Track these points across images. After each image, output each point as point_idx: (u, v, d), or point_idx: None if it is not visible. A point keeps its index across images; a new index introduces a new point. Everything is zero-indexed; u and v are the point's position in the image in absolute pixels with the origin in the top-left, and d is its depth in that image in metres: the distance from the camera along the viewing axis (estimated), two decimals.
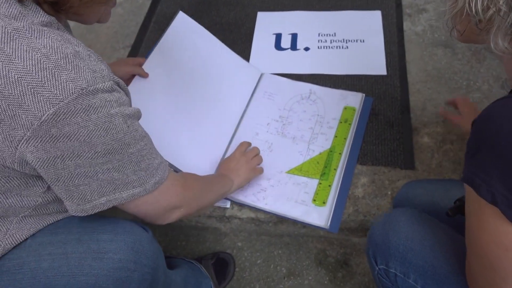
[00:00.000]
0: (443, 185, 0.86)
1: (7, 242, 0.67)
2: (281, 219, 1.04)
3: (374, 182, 1.03)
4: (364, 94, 1.17)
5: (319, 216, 0.98)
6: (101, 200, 0.64)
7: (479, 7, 0.50)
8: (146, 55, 1.10)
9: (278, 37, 1.34)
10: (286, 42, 1.33)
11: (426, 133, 1.11)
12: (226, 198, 1.03)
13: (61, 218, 0.72)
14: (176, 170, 1.00)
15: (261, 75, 1.24)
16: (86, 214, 0.65)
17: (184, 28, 1.16)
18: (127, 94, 0.66)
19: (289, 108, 1.16)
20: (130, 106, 0.65)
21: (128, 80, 1.04)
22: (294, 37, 1.34)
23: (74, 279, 0.66)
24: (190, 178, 0.79)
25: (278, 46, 1.33)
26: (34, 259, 0.67)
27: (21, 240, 0.68)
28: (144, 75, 1.04)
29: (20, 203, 0.66)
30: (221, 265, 1.08)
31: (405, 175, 1.04)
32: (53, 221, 0.71)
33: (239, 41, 1.35)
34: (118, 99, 0.60)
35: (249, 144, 1.05)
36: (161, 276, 0.76)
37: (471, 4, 0.51)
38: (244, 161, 0.98)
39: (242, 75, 1.22)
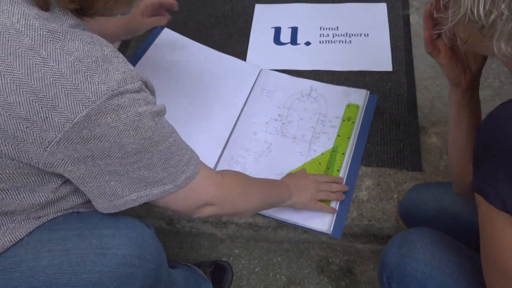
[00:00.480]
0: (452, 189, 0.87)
1: (6, 240, 0.68)
2: (281, 224, 1.06)
3: (379, 185, 1.05)
4: (368, 91, 1.18)
5: (321, 221, 0.99)
6: (132, 196, 0.68)
7: (481, 12, 0.52)
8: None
9: (277, 31, 1.36)
10: (285, 36, 1.35)
11: (434, 133, 1.12)
12: None
13: (60, 214, 0.73)
14: None
15: (259, 71, 1.25)
16: (117, 210, 0.69)
17: (169, 42, 1.22)
18: (153, 93, 0.69)
19: (289, 106, 1.18)
20: (156, 104, 0.68)
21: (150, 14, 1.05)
22: (294, 31, 1.35)
23: (76, 277, 0.67)
24: (229, 177, 0.80)
25: (277, 40, 1.34)
26: (32, 256, 0.68)
27: (20, 238, 0.70)
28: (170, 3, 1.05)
29: (31, 199, 0.68)
30: (219, 273, 1.09)
31: (412, 177, 1.05)
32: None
33: (236, 35, 1.36)
34: (145, 98, 0.64)
35: (331, 179, 1.02)
36: (164, 273, 0.78)
37: (473, 9, 0.53)
38: (314, 187, 0.97)
39: (238, 74, 1.24)
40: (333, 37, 1.33)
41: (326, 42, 1.32)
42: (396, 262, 0.72)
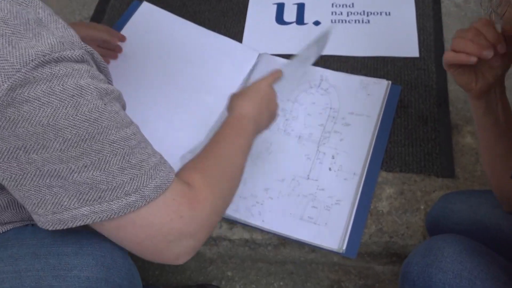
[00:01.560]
0: (490, 199, 0.87)
1: None
2: (283, 241, 1.05)
3: (402, 194, 1.05)
4: (390, 82, 1.18)
5: (332, 237, 0.99)
6: (83, 210, 0.61)
7: None
8: None
9: (280, 7, 1.36)
10: (290, 14, 1.35)
11: (469, 132, 1.12)
12: None
13: (11, 228, 0.72)
14: None
15: (258, 56, 1.25)
16: (65, 227, 0.61)
17: (148, 19, 1.22)
18: (105, 73, 0.65)
19: (294, 99, 1.18)
20: (108, 84, 0.63)
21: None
22: (300, 7, 1.35)
23: None
24: (201, 187, 0.69)
25: (280, 19, 1.34)
26: None
27: None
28: (121, 39, 1.07)
29: None
30: None
31: (442, 185, 1.05)
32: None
33: (230, 12, 1.36)
34: (89, 71, 0.60)
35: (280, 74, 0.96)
36: None
37: None
38: (274, 96, 0.91)
39: (232, 59, 1.24)
40: (347, 15, 1.33)
41: (339, 22, 1.32)
42: (419, 272, 0.72)
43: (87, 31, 1.07)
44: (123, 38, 1.15)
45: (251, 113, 0.85)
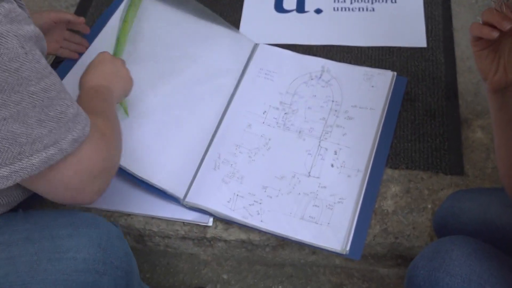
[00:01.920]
0: (502, 197, 0.87)
1: None
2: (282, 242, 1.05)
3: (409, 192, 1.05)
4: (395, 73, 1.18)
5: (334, 238, 0.99)
6: (2, 171, 0.62)
7: None
8: (88, 35, 1.19)
9: None
10: (290, 1, 1.35)
11: (480, 126, 1.12)
12: (207, 213, 1.04)
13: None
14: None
15: (255, 46, 1.25)
16: None
17: (139, 8, 1.23)
18: (24, 9, 0.65)
19: (294, 92, 1.18)
20: (29, 24, 0.63)
21: (54, 40, 1.09)
22: None
23: None
24: (104, 126, 0.77)
25: (279, 7, 1.34)
26: None
27: None
28: (78, 21, 1.08)
29: None
30: None
31: (451, 183, 1.05)
32: None
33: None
34: (9, 13, 0.59)
35: None
36: (135, 285, 0.79)
37: None
38: (121, 63, 0.99)
39: (228, 49, 1.23)
40: (351, 3, 1.33)
41: (342, 10, 1.32)
42: (426, 277, 0.72)
43: (53, 14, 1.07)
44: (85, 30, 1.16)
45: (107, 84, 0.91)
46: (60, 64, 1.18)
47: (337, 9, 1.32)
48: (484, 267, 0.70)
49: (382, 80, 1.17)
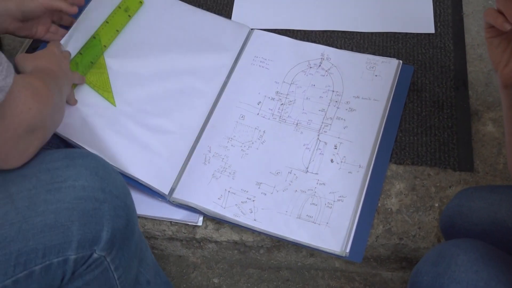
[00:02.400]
0: None
1: None
2: (278, 243, 1.06)
3: (414, 190, 1.05)
4: (401, 61, 1.18)
5: (334, 238, 0.99)
6: None
7: None
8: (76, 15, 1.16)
9: None
10: None
11: (491, 119, 1.13)
12: (197, 212, 1.04)
13: None
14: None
15: (250, 32, 1.25)
16: None
17: None
18: None
19: (291, 81, 1.18)
20: None
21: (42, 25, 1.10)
22: None
23: (27, 224, 0.71)
24: (40, 86, 0.81)
25: None
26: None
27: None
28: (71, 11, 1.08)
29: None
30: None
31: (459, 180, 1.06)
32: None
33: None
34: None
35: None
36: (136, 223, 0.83)
37: None
38: (63, 56, 1.04)
39: (220, 36, 1.23)
40: None
41: None
42: (430, 283, 0.73)
43: (46, 0, 1.07)
44: (80, 1, 1.16)
45: (42, 66, 0.95)
46: (37, 50, 1.18)
47: None
48: (491, 273, 0.70)
49: (387, 69, 1.17)
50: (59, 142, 1.04)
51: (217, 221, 1.05)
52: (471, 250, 0.73)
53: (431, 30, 1.24)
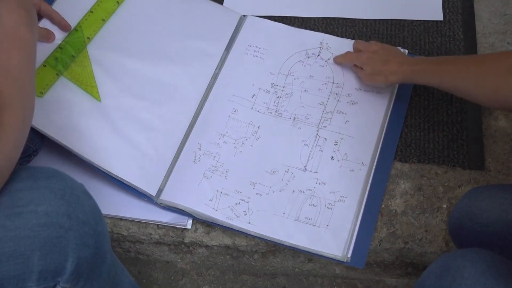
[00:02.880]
0: None
1: None
2: (274, 248, 1.06)
3: (421, 190, 1.06)
4: (406, 51, 1.19)
5: (334, 242, 1.00)
6: None
7: None
8: None
9: None
10: None
11: (504, 113, 1.13)
12: (186, 214, 1.04)
13: None
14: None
15: (242, 18, 1.25)
16: None
17: None
18: None
19: (288, 72, 1.18)
20: None
21: None
22: None
23: None
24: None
25: None
26: None
27: None
28: (60, 23, 1.09)
29: None
30: None
31: (469, 179, 1.06)
32: None
33: None
34: None
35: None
36: (108, 250, 0.81)
37: None
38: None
39: (210, 23, 1.23)
40: None
41: None
42: None
43: (43, 6, 1.09)
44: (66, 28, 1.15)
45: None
46: None
47: None
48: (500, 286, 0.70)
49: None
50: (39, 139, 1.04)
51: (207, 224, 1.05)
52: (478, 261, 0.73)
53: (439, 17, 1.25)
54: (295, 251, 1.03)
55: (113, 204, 1.06)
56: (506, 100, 0.83)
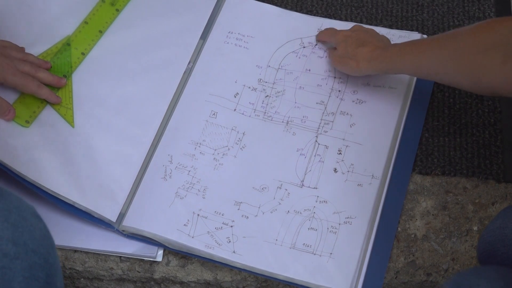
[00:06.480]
0: None
1: None
2: (265, 284, 1.07)
3: (446, 208, 1.08)
4: (425, 36, 1.22)
5: (339, 275, 1.01)
6: None
7: None
8: None
9: None
10: None
11: None
12: (156, 244, 1.05)
13: None
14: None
15: None
16: None
17: None
18: None
19: (278, 65, 1.21)
20: None
21: None
22: None
23: None
24: None
25: None
26: None
27: None
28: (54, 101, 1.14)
29: None
30: None
31: (505, 194, 1.09)
32: None
33: None
34: None
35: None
36: (61, 286, 0.81)
37: None
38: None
39: (182, 5, 1.27)
40: None
41: None
42: None
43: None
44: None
45: None
46: None
47: None
48: None
49: None
50: None
51: (182, 255, 1.06)
52: (494, 280, 0.76)
53: None
54: (291, 287, 1.04)
55: (65, 233, 1.06)
56: (483, 82, 0.90)
